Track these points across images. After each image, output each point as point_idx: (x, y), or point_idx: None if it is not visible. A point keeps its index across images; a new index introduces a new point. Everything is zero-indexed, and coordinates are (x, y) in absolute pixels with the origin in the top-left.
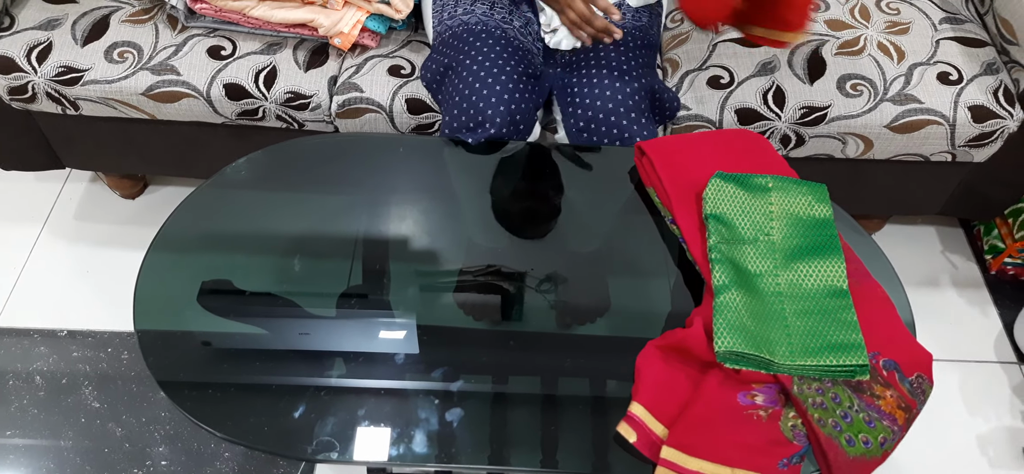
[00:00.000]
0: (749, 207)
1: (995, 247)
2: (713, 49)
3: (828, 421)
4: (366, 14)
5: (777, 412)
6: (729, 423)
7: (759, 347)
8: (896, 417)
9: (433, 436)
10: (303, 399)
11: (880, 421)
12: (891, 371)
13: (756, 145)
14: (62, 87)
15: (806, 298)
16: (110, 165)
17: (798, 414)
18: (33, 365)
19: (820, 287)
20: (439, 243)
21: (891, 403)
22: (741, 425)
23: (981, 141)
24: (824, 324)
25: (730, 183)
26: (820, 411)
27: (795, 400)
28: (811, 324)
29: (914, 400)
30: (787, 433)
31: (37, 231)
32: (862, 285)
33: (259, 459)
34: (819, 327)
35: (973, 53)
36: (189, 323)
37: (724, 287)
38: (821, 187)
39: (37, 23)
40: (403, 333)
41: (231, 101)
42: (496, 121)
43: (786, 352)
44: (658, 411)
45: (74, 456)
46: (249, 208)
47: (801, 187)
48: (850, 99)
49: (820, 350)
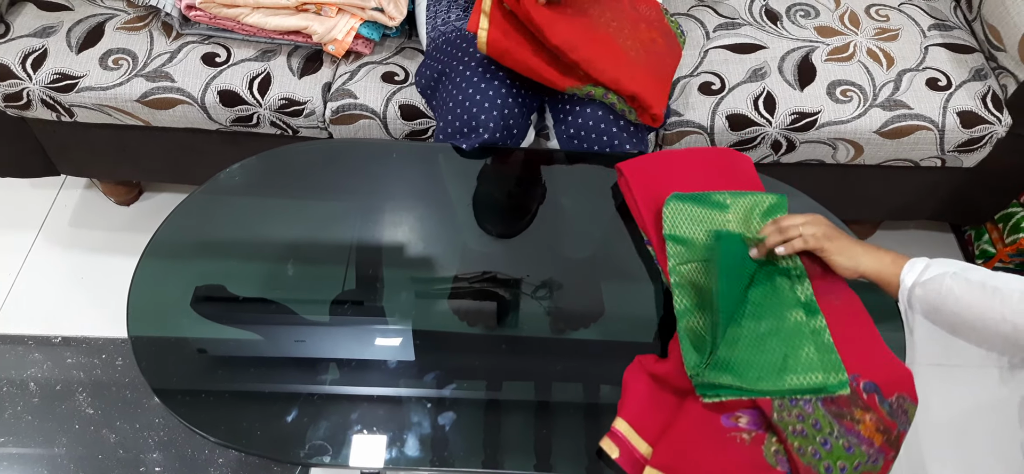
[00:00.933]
0: (706, 225)
1: (986, 252)
2: (704, 55)
3: (808, 449)
4: (360, 21)
5: (760, 436)
6: (713, 446)
7: (732, 375)
8: (874, 441)
9: (426, 440)
10: (296, 404)
11: (859, 446)
12: (871, 394)
13: (735, 163)
14: (57, 94)
15: (772, 316)
16: (105, 172)
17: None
18: (27, 372)
19: (786, 302)
20: (432, 249)
21: (870, 427)
22: (724, 448)
23: (970, 146)
24: (795, 342)
25: (687, 203)
26: (800, 439)
27: (775, 427)
28: (781, 343)
29: (894, 422)
30: (770, 459)
31: (32, 238)
32: (840, 299)
33: (252, 465)
34: (790, 345)
35: (961, 59)
36: (183, 329)
37: (685, 312)
38: (781, 198)
39: (32, 30)
40: (396, 338)
41: (225, 108)
42: (489, 126)
43: (757, 376)
44: (642, 428)
45: (68, 463)
46: (243, 214)
47: (760, 199)
48: (840, 105)
49: (795, 369)
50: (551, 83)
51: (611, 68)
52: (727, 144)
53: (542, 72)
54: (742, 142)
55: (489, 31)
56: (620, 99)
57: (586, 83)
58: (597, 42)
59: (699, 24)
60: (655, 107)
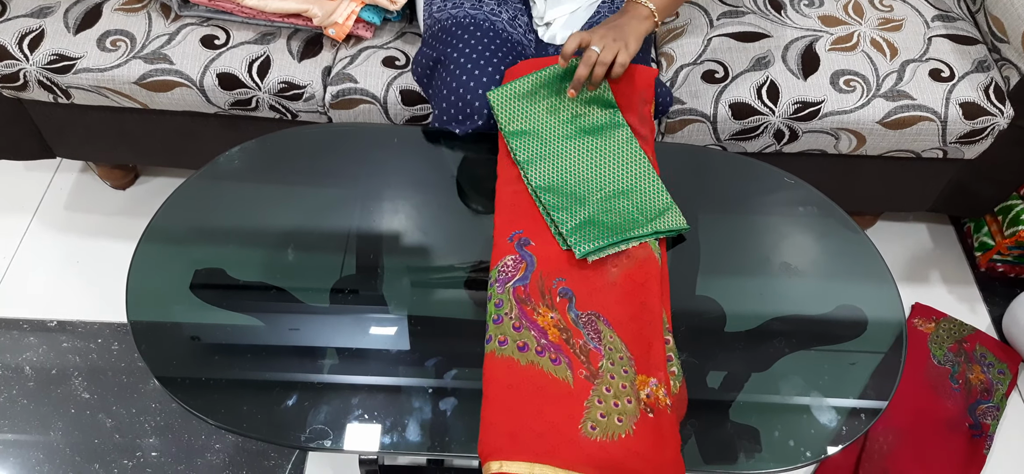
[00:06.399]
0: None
1: (985, 244)
2: (708, 44)
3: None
4: (361, 5)
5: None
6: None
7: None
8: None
9: (426, 425)
10: (296, 389)
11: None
12: (564, 299)
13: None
14: (54, 75)
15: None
16: (101, 155)
17: None
18: (22, 356)
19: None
20: (433, 234)
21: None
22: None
23: (972, 138)
24: (640, 198)
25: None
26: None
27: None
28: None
29: (580, 332)
30: None
31: (27, 221)
32: None
33: (249, 451)
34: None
35: (965, 50)
36: (182, 314)
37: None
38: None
39: (29, 10)
40: (396, 324)
41: (224, 91)
42: (483, 112)
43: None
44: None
45: (64, 447)
46: (242, 199)
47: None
48: (843, 95)
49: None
50: None
51: None
52: (730, 132)
53: None
54: (745, 131)
55: None
56: None
57: None
58: None
59: (703, 12)
60: None
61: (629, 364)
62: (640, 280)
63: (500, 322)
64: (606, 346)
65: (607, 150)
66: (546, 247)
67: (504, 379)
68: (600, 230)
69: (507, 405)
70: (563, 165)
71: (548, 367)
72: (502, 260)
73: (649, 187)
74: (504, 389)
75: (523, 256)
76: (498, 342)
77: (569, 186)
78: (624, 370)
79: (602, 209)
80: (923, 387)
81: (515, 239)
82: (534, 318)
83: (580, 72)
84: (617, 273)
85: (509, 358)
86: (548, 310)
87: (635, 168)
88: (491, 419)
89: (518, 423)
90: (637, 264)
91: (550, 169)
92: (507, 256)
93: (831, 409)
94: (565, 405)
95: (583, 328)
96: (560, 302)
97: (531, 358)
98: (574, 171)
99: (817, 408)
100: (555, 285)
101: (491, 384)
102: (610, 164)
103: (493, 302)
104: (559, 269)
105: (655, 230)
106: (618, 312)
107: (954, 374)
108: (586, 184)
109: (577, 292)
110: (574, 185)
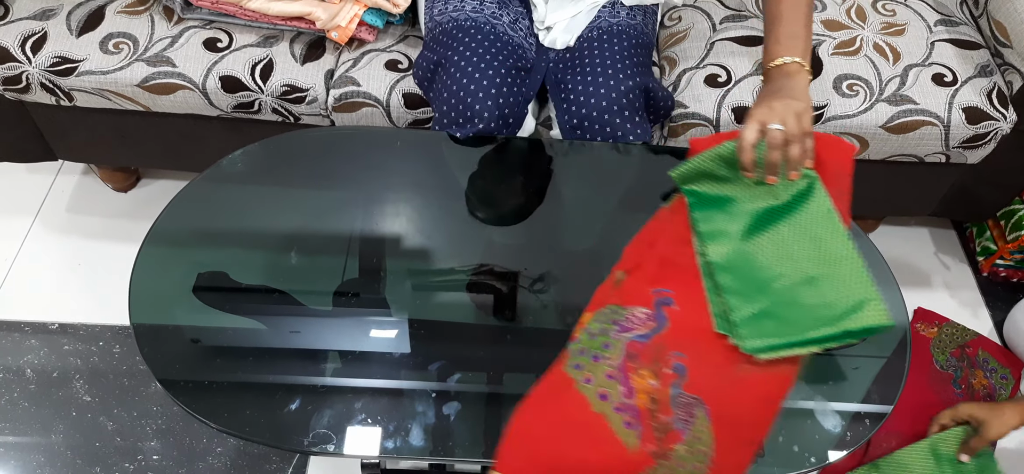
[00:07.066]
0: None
1: (987, 249)
2: (710, 47)
3: (583, 344)
4: (363, 8)
5: None
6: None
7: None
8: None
9: (429, 430)
10: (298, 392)
11: (617, 385)
12: (674, 373)
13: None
14: (56, 78)
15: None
16: (104, 157)
17: None
18: (24, 358)
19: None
20: (435, 238)
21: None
22: None
23: (975, 142)
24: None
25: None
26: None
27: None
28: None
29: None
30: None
31: (28, 223)
32: None
33: (251, 455)
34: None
35: (967, 55)
36: (184, 317)
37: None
38: None
39: (31, 13)
40: (399, 327)
41: (227, 94)
42: (484, 116)
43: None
44: None
45: (65, 450)
46: (244, 202)
47: None
48: (846, 99)
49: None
50: None
51: None
52: None
53: None
54: None
55: None
56: None
57: None
58: None
59: (706, 16)
60: None
61: (704, 461)
62: (769, 395)
63: (598, 360)
64: (692, 434)
65: (802, 225)
66: (686, 317)
67: (565, 410)
68: (778, 326)
69: (551, 433)
70: (748, 245)
71: (617, 426)
72: (633, 307)
73: (848, 272)
74: (558, 417)
75: (657, 316)
76: (584, 379)
77: (751, 269)
78: (696, 464)
79: (785, 300)
80: (926, 392)
81: (657, 295)
82: (631, 377)
83: (773, 157)
84: (748, 372)
85: (582, 396)
86: (650, 377)
87: (833, 247)
88: (524, 433)
89: (552, 454)
90: (776, 379)
91: (733, 249)
92: (640, 307)
93: (835, 414)
94: (614, 464)
95: (677, 408)
96: (667, 375)
97: (604, 409)
98: (760, 251)
99: (821, 413)
100: (671, 357)
101: (546, 404)
102: (803, 242)
103: (599, 341)
104: (685, 343)
105: (845, 331)
106: (725, 411)
107: (957, 379)
108: (771, 268)
109: (692, 372)
110: (758, 267)
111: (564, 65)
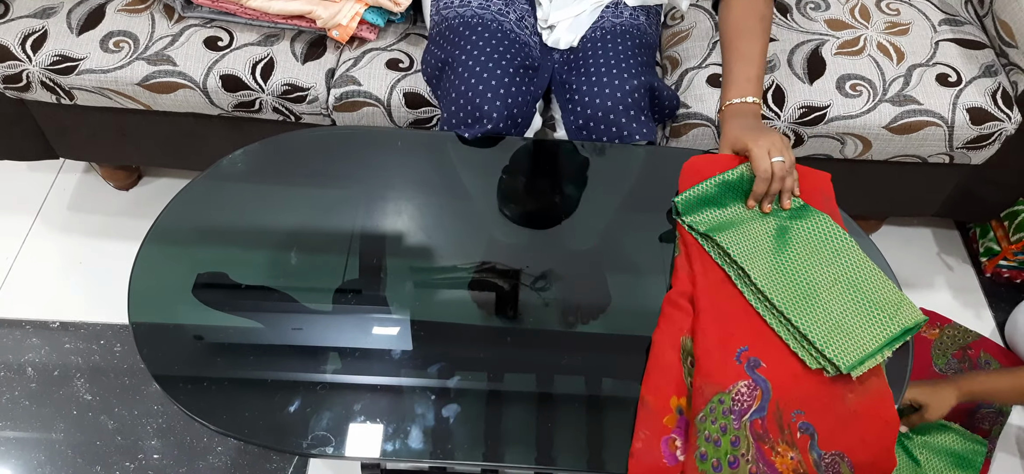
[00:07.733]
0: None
1: (990, 250)
2: (713, 47)
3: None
4: (364, 6)
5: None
6: None
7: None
8: None
9: (429, 432)
10: (298, 394)
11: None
12: (805, 435)
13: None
14: (57, 76)
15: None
16: (104, 156)
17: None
18: (25, 357)
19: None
20: (436, 238)
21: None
22: None
23: (979, 143)
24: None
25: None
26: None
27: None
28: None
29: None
30: None
31: (30, 222)
32: None
33: (251, 454)
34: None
35: (972, 55)
36: (184, 316)
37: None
38: None
39: (32, 11)
40: (399, 328)
41: (227, 92)
42: (493, 116)
43: None
44: None
45: (65, 449)
46: (245, 201)
47: None
48: (849, 99)
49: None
50: None
51: None
52: None
53: None
54: None
55: None
56: None
57: None
58: None
59: (708, 15)
60: None
61: None
62: (882, 415)
63: (736, 465)
64: None
65: (815, 243)
66: (779, 368)
67: None
68: (854, 338)
69: None
70: (782, 263)
71: None
72: (735, 386)
73: (873, 278)
74: None
75: (757, 382)
76: None
77: (799, 287)
78: None
79: (841, 310)
80: None
81: (743, 358)
82: (772, 459)
83: (773, 187)
84: (854, 402)
85: None
86: (788, 449)
87: (850, 258)
88: None
89: None
90: (873, 396)
91: (773, 269)
92: (740, 382)
93: None
94: None
95: (823, 470)
96: (801, 439)
97: None
98: (797, 269)
99: None
100: (794, 418)
101: None
102: (824, 254)
103: (728, 438)
104: (797, 399)
105: (903, 329)
106: (862, 455)
107: None
108: (817, 284)
109: (819, 428)
110: (804, 285)
111: (569, 66)
